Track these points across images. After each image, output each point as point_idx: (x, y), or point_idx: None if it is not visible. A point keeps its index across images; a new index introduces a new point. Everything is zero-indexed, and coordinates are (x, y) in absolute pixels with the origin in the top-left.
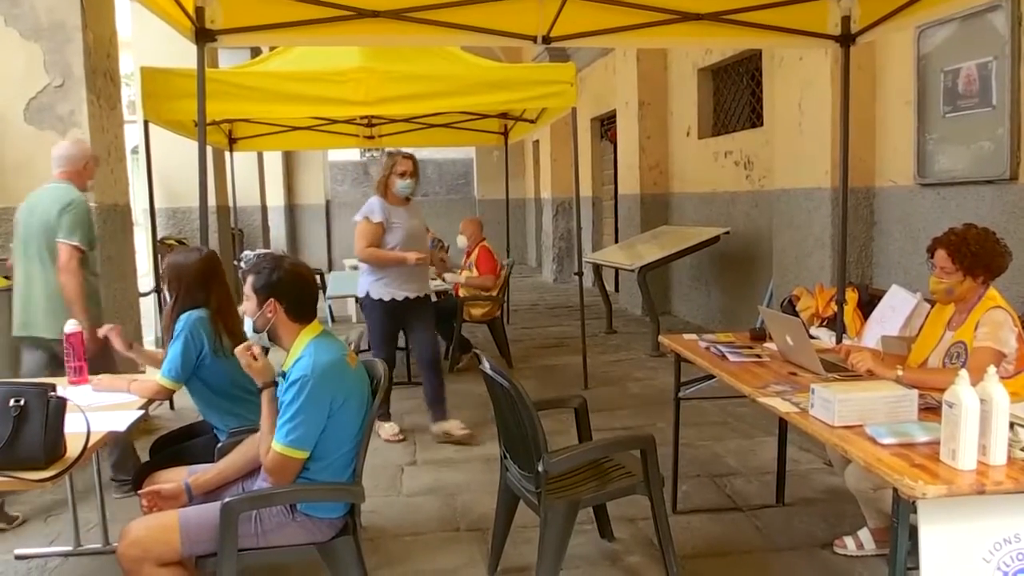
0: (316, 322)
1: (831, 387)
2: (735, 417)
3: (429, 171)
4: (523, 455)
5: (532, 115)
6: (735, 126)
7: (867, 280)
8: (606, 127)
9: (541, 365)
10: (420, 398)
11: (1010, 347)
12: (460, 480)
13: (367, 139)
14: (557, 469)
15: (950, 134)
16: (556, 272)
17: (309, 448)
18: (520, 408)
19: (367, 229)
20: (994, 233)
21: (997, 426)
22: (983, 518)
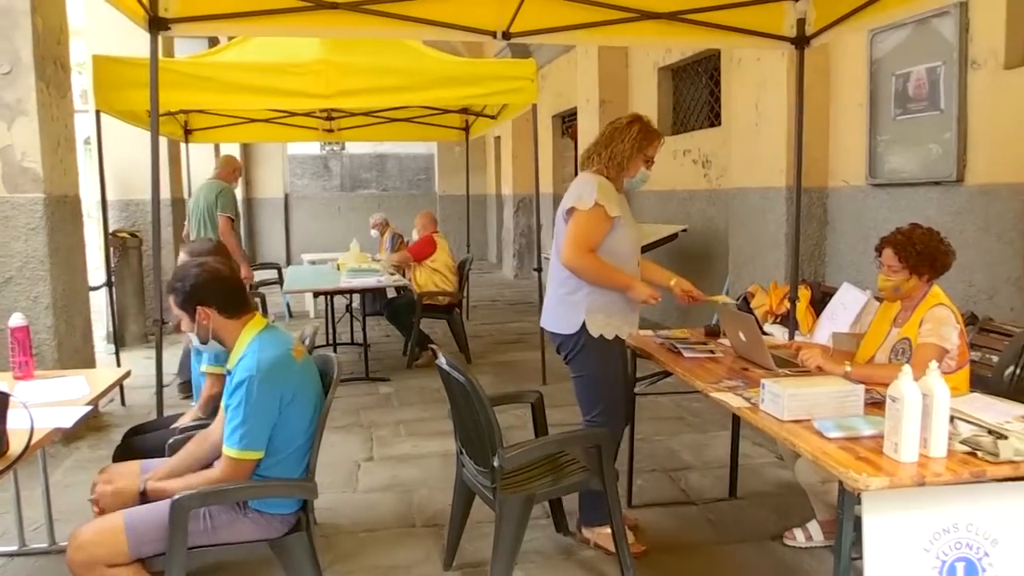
0: (258, 316)
1: (781, 382)
2: (691, 412)
3: (390, 166)
4: (479, 450)
5: (493, 111)
6: (694, 125)
7: (820, 278)
8: (567, 124)
9: (500, 361)
10: (378, 394)
11: (952, 343)
12: (417, 476)
13: (327, 132)
14: (512, 464)
15: (900, 136)
16: (517, 268)
17: (262, 448)
18: (476, 403)
19: (598, 222)
20: (938, 233)
21: (937, 420)
22: (923, 509)
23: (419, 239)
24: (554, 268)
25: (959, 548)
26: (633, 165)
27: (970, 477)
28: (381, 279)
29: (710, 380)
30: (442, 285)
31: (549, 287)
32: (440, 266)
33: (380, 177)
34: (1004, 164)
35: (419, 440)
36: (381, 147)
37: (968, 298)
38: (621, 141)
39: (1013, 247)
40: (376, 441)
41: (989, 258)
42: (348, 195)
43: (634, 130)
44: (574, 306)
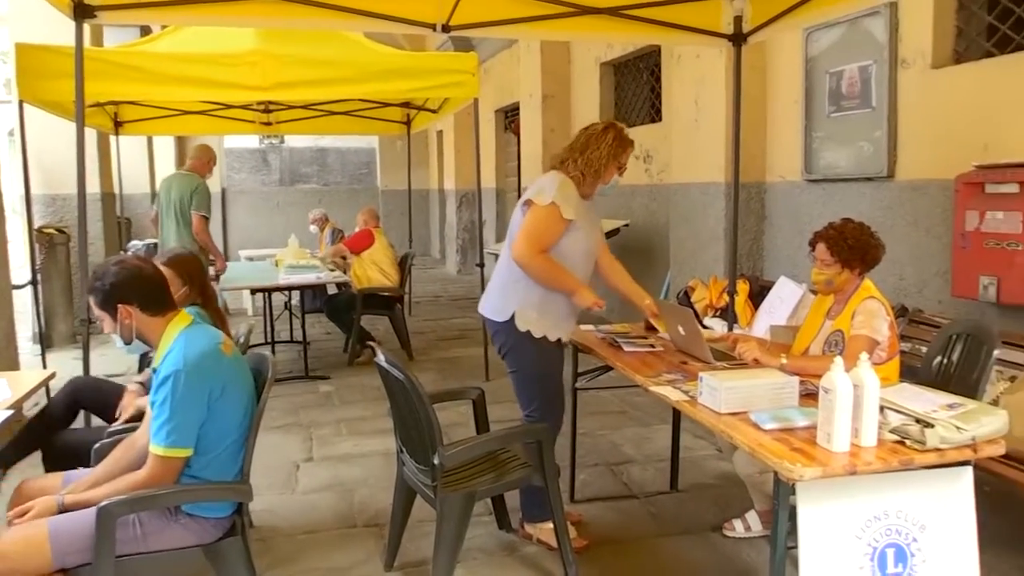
0: (184, 312)
1: (718, 376)
2: (633, 406)
3: (330, 160)
4: (419, 448)
5: (435, 105)
6: (636, 120)
7: (758, 272)
8: (510, 119)
9: (443, 357)
10: (317, 393)
11: (883, 335)
12: (358, 476)
13: (264, 125)
14: (452, 462)
15: (834, 133)
16: (460, 264)
17: (191, 445)
18: (415, 400)
19: (553, 222)
20: (869, 227)
21: (868, 410)
22: (855, 497)
23: (357, 232)
24: (503, 256)
25: (889, 535)
26: (608, 172)
27: (899, 465)
28: (320, 275)
29: (650, 374)
30: (383, 280)
31: (494, 273)
32: (380, 260)
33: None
34: (932, 161)
35: (360, 439)
36: (322, 141)
37: (899, 291)
38: (597, 148)
39: (941, 241)
40: (316, 441)
41: (918, 252)
42: (287, 190)
43: (609, 137)
44: (509, 295)
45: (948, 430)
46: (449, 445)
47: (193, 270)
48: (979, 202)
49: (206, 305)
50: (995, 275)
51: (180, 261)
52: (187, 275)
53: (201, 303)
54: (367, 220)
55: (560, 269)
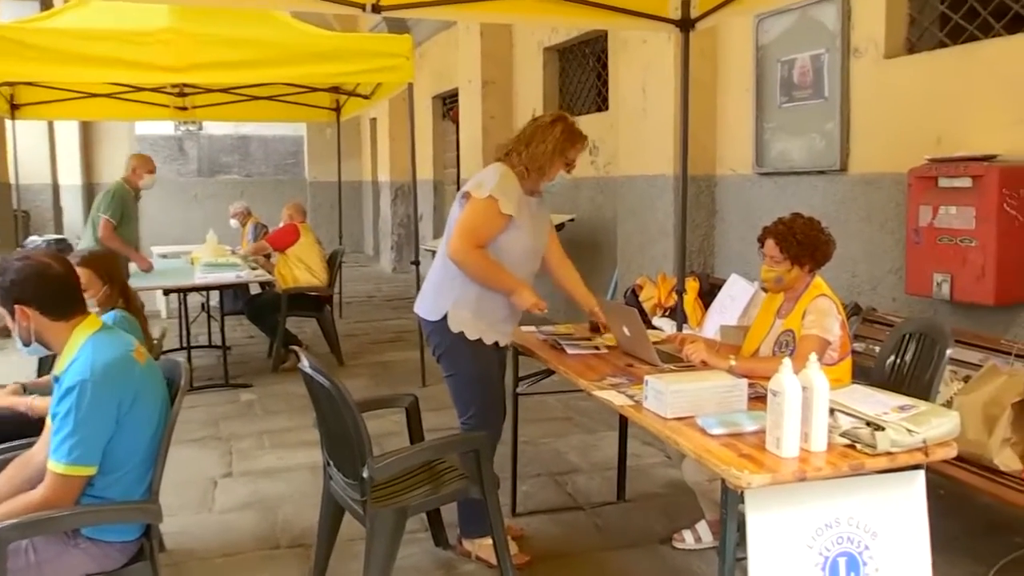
0: (93, 316)
1: (664, 378)
2: (578, 412)
3: (253, 149)
4: (347, 461)
5: (366, 90)
6: (581, 109)
7: (709, 269)
8: (448, 106)
9: (376, 362)
10: (238, 402)
11: (834, 334)
12: (282, 492)
13: (179, 110)
14: (383, 475)
15: (786, 124)
16: (395, 261)
17: (95, 462)
18: (341, 409)
19: (491, 216)
20: (819, 223)
21: (817, 413)
22: (805, 504)
23: (281, 227)
24: (439, 252)
25: (841, 543)
26: (553, 168)
27: (849, 470)
28: (241, 274)
29: (593, 378)
30: (310, 279)
31: (430, 270)
32: (307, 257)
33: (243, 161)
34: (885, 154)
35: (285, 452)
36: (244, 128)
37: (852, 288)
38: (543, 141)
39: (894, 237)
40: (236, 454)
41: (872, 248)
42: (206, 181)
43: (557, 131)
44: (443, 294)
45: (899, 433)
46: (379, 457)
47: (112, 268)
48: (932, 196)
49: (129, 307)
50: (948, 272)
51: (97, 259)
52: (106, 274)
53: (124, 304)
54: (293, 214)
55: (497, 267)
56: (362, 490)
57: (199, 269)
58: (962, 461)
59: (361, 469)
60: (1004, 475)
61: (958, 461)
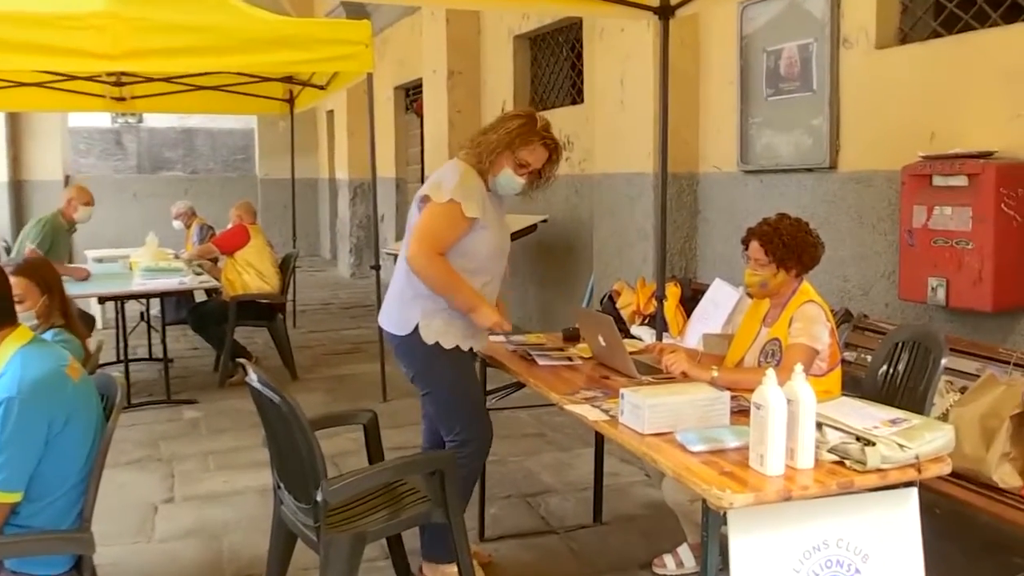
0: (23, 327)
1: (641, 391)
2: (552, 427)
3: (199, 143)
4: (299, 483)
5: (322, 80)
6: (555, 101)
7: (691, 274)
8: (412, 98)
9: (332, 375)
10: (181, 420)
11: (823, 343)
12: (229, 518)
13: (116, 101)
14: (338, 498)
15: (773, 118)
16: (354, 266)
17: (21, 488)
18: (293, 426)
19: (453, 221)
20: (807, 223)
21: (803, 427)
22: (792, 526)
23: (229, 229)
24: (401, 260)
25: (830, 567)
26: (497, 162)
27: (838, 489)
28: (185, 280)
29: (566, 391)
30: (261, 285)
31: (393, 279)
32: (257, 261)
33: (187, 157)
34: (877, 150)
35: (232, 474)
36: (189, 120)
37: (843, 294)
38: (495, 131)
39: (887, 239)
40: (179, 477)
41: (863, 250)
42: (147, 178)
43: (514, 124)
44: (410, 303)
45: (890, 448)
46: (334, 479)
47: (50, 276)
48: (926, 196)
49: (68, 323)
50: (944, 276)
51: (34, 268)
52: (44, 283)
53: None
54: (242, 215)
55: (458, 280)
56: (315, 515)
57: (138, 275)
58: (958, 478)
59: (314, 492)
60: (1003, 492)
61: (954, 478)
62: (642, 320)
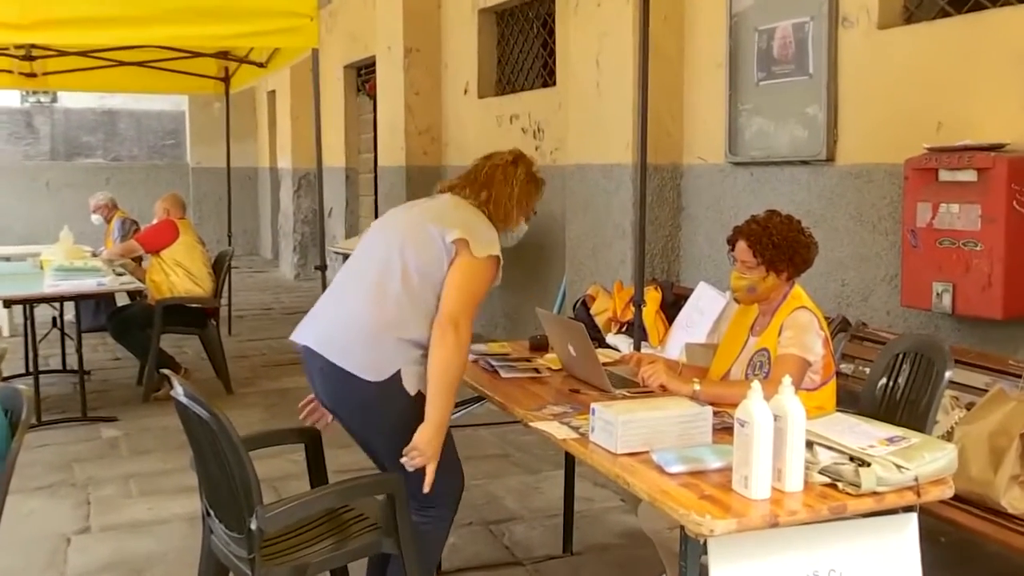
0: None
1: (614, 407)
2: (517, 447)
3: (122, 127)
4: (230, 510)
5: (261, 56)
6: (524, 84)
7: (673, 276)
8: (364, 78)
9: (272, 389)
10: (99, 439)
11: (816, 354)
12: (152, 550)
13: (26, 77)
14: (275, 526)
15: (764, 105)
16: (298, 266)
17: None
18: (223, 445)
19: (490, 282)
20: (799, 222)
21: (792, 446)
22: (778, 555)
23: (155, 224)
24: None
25: None
26: (517, 217)
27: (829, 514)
28: (103, 281)
29: (532, 406)
30: (191, 287)
31: (349, 301)
32: (187, 261)
33: (108, 142)
34: (878, 141)
35: (157, 500)
36: (110, 100)
37: (841, 299)
38: (506, 184)
39: (888, 239)
40: (95, 505)
41: (862, 252)
42: (62, 165)
43: (520, 173)
44: (388, 343)
45: (887, 469)
46: (272, 505)
47: None
48: (932, 192)
49: None
50: (950, 281)
51: None
52: None
53: None
54: (170, 208)
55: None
56: (249, 545)
57: (50, 275)
58: (964, 502)
59: (248, 519)
60: (1013, 518)
61: (959, 502)
62: (618, 328)
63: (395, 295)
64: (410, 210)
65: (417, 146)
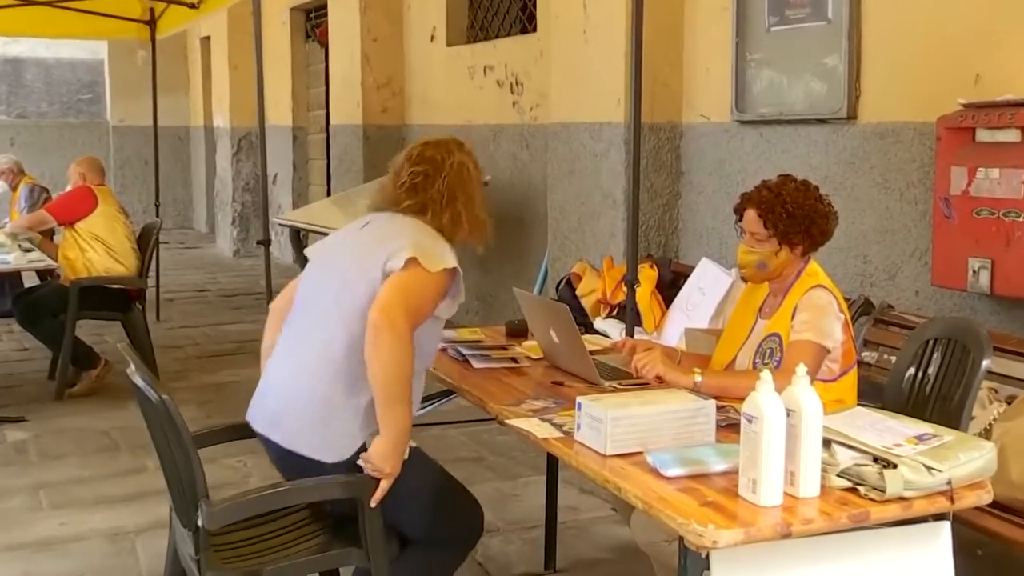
0: None
1: (603, 401)
2: (492, 449)
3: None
4: (181, 503)
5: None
6: (499, 31)
7: (672, 252)
8: (314, 22)
9: (208, 383)
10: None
11: (834, 340)
12: (67, 570)
13: None
14: (220, 521)
15: (777, 55)
16: (238, 240)
17: None
18: (167, 430)
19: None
20: (816, 188)
21: (807, 445)
22: (791, 570)
23: (69, 191)
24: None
25: None
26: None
27: (849, 523)
28: (8, 259)
29: (508, 401)
30: (112, 265)
31: (301, 372)
32: (107, 235)
33: (12, 96)
34: (907, 96)
35: (72, 513)
36: (14, 47)
37: (863, 278)
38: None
39: (918, 209)
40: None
41: (889, 224)
42: None
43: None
44: (350, 417)
45: (915, 471)
46: (222, 500)
47: None
48: (968, 155)
49: None
50: (988, 256)
51: None
52: None
53: None
54: (86, 173)
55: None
56: (195, 544)
57: None
58: (1004, 510)
59: (194, 514)
60: None
61: (998, 510)
62: (608, 311)
63: (342, 351)
64: (353, 238)
65: (376, 102)
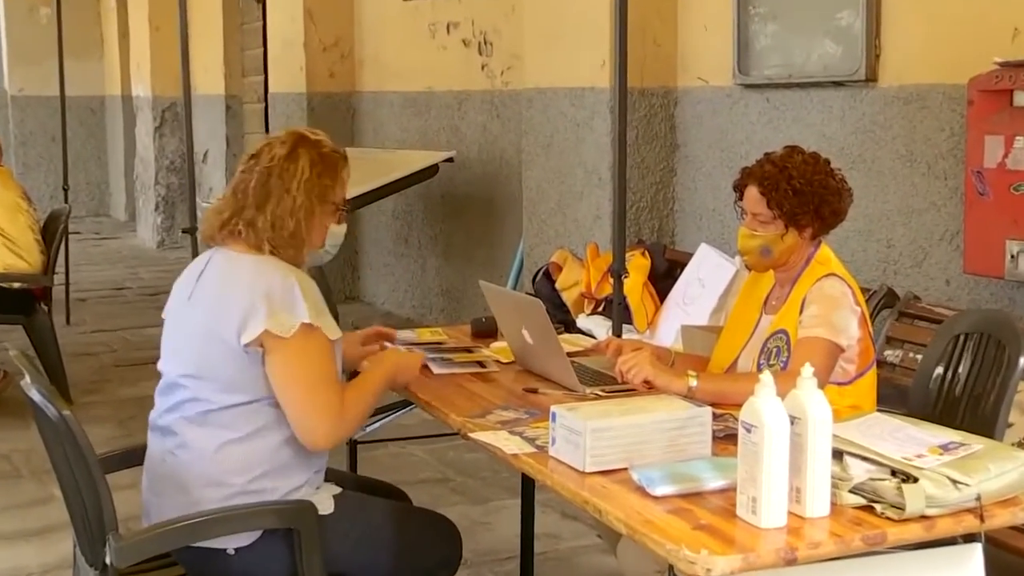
0: None
1: (581, 410)
2: (459, 469)
3: None
4: (86, 536)
5: None
6: None
7: (666, 238)
8: None
9: (127, 397)
10: None
11: (849, 336)
12: None
13: None
14: (131, 558)
15: (784, 10)
16: (162, 229)
17: None
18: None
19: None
20: (827, 161)
21: (815, 457)
22: None
23: None
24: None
25: None
26: (319, 229)
27: (864, 546)
28: None
29: (473, 412)
30: (11, 260)
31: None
32: (4, 224)
33: None
34: (934, 55)
35: None
36: None
37: (886, 265)
38: (287, 191)
39: (948, 184)
40: None
41: (914, 202)
42: None
43: (303, 165)
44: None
45: (939, 486)
46: (136, 533)
47: None
48: (1004, 121)
49: None
50: None
51: None
52: None
53: None
54: None
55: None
56: None
57: None
58: None
59: (101, 550)
60: None
61: None
62: (594, 307)
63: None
64: (188, 310)
65: (322, 66)
